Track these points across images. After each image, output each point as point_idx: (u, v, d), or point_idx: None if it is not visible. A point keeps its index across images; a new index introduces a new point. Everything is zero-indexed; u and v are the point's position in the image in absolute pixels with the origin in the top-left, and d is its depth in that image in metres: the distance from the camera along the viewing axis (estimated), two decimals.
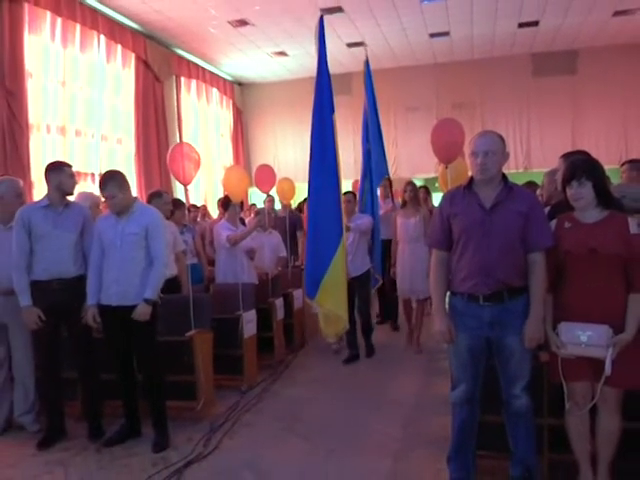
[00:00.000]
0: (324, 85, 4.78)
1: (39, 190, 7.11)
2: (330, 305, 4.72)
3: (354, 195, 5.84)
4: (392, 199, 7.02)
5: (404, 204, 5.93)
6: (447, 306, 2.90)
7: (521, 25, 10.71)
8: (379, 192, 6.78)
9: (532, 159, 12.75)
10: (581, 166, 2.72)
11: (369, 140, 6.39)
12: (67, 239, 3.81)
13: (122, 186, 3.71)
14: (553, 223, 2.79)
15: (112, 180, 3.67)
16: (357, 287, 5.56)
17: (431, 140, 4.83)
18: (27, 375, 4.03)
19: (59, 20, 7.94)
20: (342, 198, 5.05)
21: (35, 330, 3.77)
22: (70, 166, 3.93)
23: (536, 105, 12.70)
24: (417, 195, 5.93)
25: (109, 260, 3.69)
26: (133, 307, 3.64)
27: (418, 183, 7.38)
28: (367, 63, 6.69)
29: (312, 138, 4.73)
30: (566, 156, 3.40)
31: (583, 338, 2.60)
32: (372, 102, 6.56)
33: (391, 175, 9.99)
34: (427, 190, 7.37)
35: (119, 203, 3.69)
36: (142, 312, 3.64)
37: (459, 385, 2.89)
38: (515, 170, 12.14)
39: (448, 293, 2.92)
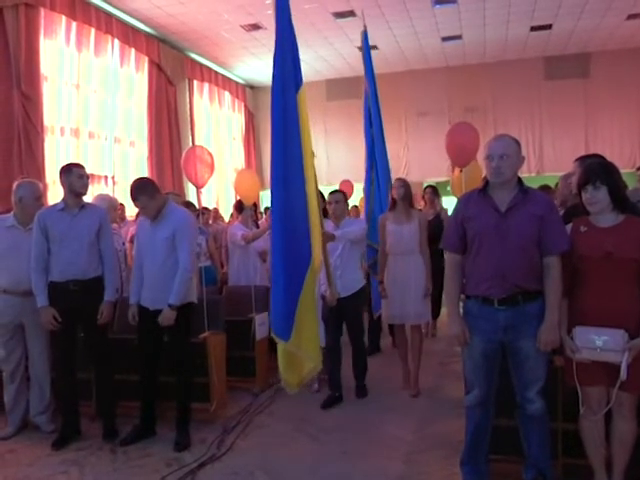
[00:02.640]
0: (286, 52, 3.62)
1: (53, 192, 7.19)
2: (303, 344, 3.51)
3: (344, 195, 4.73)
4: None
5: (393, 205, 4.73)
6: (461, 310, 2.91)
7: (533, 28, 10.68)
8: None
9: (544, 163, 12.69)
10: (596, 170, 2.70)
11: (372, 124, 5.45)
12: (82, 241, 3.84)
13: (153, 195, 3.78)
14: (569, 227, 2.78)
15: (142, 192, 3.75)
16: (347, 310, 4.50)
17: (446, 143, 4.83)
18: (43, 375, 4.08)
19: (74, 24, 8.03)
20: (328, 198, 4.56)
21: (52, 331, 3.83)
22: (80, 166, 3.96)
23: (549, 109, 12.64)
24: (409, 194, 4.71)
25: (144, 265, 3.81)
26: None
27: None
28: (365, 35, 5.76)
29: (273, 124, 3.54)
30: (581, 160, 3.39)
31: (598, 342, 2.59)
32: (372, 80, 5.60)
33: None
34: (435, 190, 6.62)
35: (152, 210, 3.78)
36: (166, 317, 3.71)
37: (473, 388, 2.89)
38: (527, 174, 12.08)
39: (462, 296, 2.93)
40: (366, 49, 5.78)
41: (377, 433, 3.92)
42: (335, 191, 4.70)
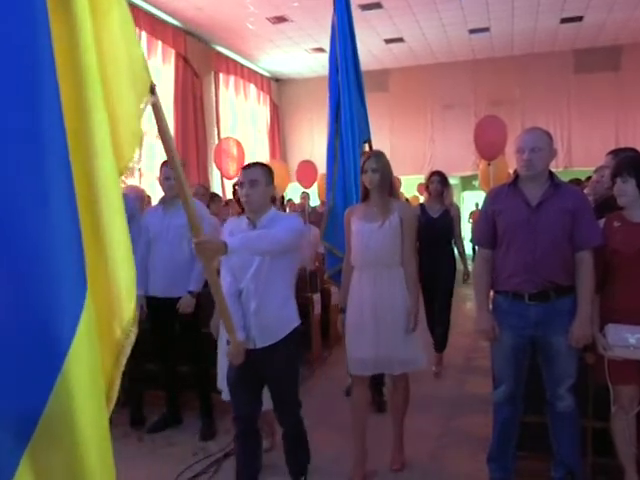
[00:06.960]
0: None
1: None
2: None
3: (266, 174, 2.66)
4: None
5: (365, 195, 3.15)
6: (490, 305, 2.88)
7: (563, 21, 10.51)
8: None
9: (573, 157, 12.50)
10: (626, 163, 2.70)
11: (338, 70, 4.11)
12: None
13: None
14: (602, 222, 2.74)
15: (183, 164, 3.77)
16: (270, 368, 2.65)
17: (474, 137, 4.77)
18: None
19: None
20: (239, 178, 2.68)
21: None
22: None
23: (578, 102, 12.45)
24: (388, 180, 3.08)
25: (156, 252, 3.79)
26: (179, 299, 3.74)
27: (453, 182, 7.10)
28: None
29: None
30: (615, 153, 3.37)
31: (632, 340, 2.55)
32: (343, 11, 4.29)
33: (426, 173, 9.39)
34: (444, 179, 5.07)
35: (174, 187, 3.73)
36: (186, 304, 3.73)
37: (501, 384, 2.86)
38: (555, 169, 11.82)
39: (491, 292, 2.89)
40: None
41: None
42: (250, 165, 2.73)
